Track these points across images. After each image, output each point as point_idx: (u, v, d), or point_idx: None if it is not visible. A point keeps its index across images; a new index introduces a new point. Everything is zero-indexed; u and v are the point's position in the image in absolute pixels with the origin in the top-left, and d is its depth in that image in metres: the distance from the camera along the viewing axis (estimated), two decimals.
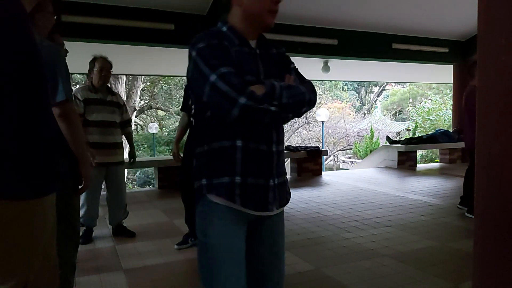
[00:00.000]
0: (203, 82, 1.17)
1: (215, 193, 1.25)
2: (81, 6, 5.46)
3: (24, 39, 1.03)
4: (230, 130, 1.24)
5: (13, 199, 1.01)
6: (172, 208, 4.95)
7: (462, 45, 8.88)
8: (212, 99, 1.17)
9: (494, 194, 1.37)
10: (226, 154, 1.24)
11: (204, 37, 1.25)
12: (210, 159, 1.27)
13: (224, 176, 1.24)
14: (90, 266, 2.97)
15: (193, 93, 1.32)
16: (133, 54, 7.32)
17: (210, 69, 1.17)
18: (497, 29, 1.31)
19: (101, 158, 3.38)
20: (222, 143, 1.25)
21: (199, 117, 1.32)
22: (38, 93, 1.07)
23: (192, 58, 1.22)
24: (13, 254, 1.05)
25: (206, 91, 1.17)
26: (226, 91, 1.14)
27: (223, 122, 1.22)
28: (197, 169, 1.30)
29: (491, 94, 1.36)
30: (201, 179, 1.28)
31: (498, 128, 1.37)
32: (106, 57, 3.58)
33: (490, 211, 1.42)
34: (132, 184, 16.27)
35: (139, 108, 17.66)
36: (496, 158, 1.36)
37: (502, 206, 1.36)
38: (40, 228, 1.09)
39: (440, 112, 18.43)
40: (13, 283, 1.04)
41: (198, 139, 1.33)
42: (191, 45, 1.24)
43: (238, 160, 1.24)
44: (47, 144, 1.09)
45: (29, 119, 1.03)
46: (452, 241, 3.43)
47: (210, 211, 1.26)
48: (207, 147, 1.27)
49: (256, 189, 1.26)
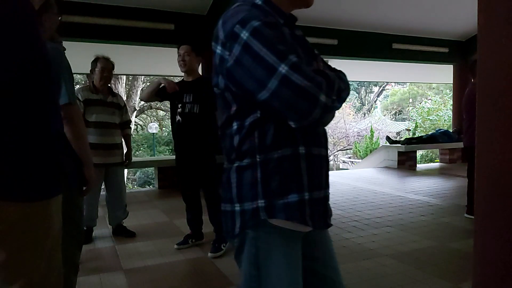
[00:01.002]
0: (265, 74, 0.90)
1: (283, 216, 0.98)
2: (81, 6, 5.47)
3: (34, 38, 1.03)
4: (288, 134, 0.99)
5: (18, 201, 1.01)
6: (172, 208, 4.95)
7: (462, 45, 8.88)
8: (281, 96, 0.90)
9: (494, 194, 1.37)
10: (289, 165, 0.99)
11: (253, 12, 0.95)
12: (267, 174, 0.99)
13: (290, 194, 0.99)
14: (90, 266, 2.97)
15: (238, 88, 0.98)
16: (133, 54, 7.33)
17: (278, 56, 0.89)
18: (497, 29, 1.31)
19: (100, 159, 3.39)
20: (282, 152, 0.99)
21: (239, 118, 1.01)
22: (46, 94, 1.06)
23: (239, 40, 0.92)
24: (18, 256, 1.05)
25: (271, 86, 0.90)
26: (306, 86, 0.89)
27: (282, 125, 0.97)
28: (245, 188, 1.01)
29: (491, 94, 1.36)
30: (254, 200, 0.99)
31: (497, 128, 1.37)
32: (109, 58, 3.58)
33: (490, 211, 1.42)
34: (132, 184, 16.27)
35: (139, 108, 17.66)
36: (496, 158, 1.36)
37: (502, 206, 1.36)
38: (45, 230, 1.09)
39: (440, 112, 18.43)
40: (18, 285, 1.04)
41: (232, 148, 1.04)
42: (237, 22, 0.93)
43: (304, 171, 1.00)
44: (53, 145, 1.09)
45: (36, 119, 1.03)
46: (452, 241, 3.43)
47: (269, 239, 1.01)
48: (260, 157, 0.99)
49: (320, 203, 1.06)
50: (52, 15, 1.76)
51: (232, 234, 1.05)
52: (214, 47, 1.00)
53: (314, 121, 0.93)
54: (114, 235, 3.78)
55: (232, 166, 1.04)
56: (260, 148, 0.99)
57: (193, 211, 3.39)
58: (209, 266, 2.99)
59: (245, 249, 1.03)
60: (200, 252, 3.28)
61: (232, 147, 1.03)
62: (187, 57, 3.18)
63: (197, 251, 3.31)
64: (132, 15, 5.81)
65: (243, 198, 1.01)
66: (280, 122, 0.96)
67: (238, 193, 1.02)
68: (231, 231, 1.05)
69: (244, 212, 1.01)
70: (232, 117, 1.02)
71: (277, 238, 1.01)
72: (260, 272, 1.01)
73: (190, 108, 3.16)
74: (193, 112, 3.15)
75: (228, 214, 1.06)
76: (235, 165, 1.03)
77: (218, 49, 0.98)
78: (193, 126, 3.18)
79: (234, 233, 1.04)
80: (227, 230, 1.08)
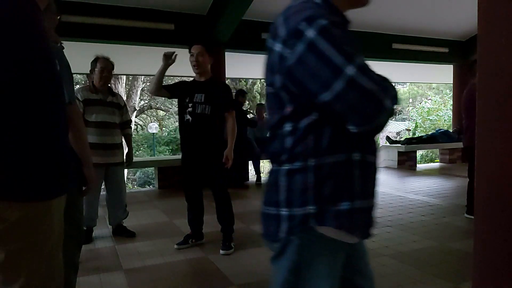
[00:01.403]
0: (330, 75, 0.86)
1: (333, 224, 0.95)
2: (81, 6, 5.47)
3: (35, 38, 1.03)
4: (344, 139, 0.95)
5: (18, 201, 1.01)
6: (172, 208, 4.95)
7: (462, 45, 8.88)
8: (347, 98, 0.87)
9: (494, 194, 1.37)
10: (342, 171, 0.95)
11: (319, 10, 0.92)
12: (319, 179, 0.95)
13: (342, 201, 0.95)
14: (90, 266, 2.97)
15: (298, 87, 0.94)
16: (133, 54, 7.32)
17: (345, 58, 0.86)
18: (497, 29, 1.31)
19: (100, 159, 3.39)
20: (337, 157, 0.95)
21: (293, 120, 0.97)
22: (46, 94, 1.06)
23: (304, 38, 0.88)
24: (18, 256, 1.05)
25: (336, 87, 0.86)
26: (373, 90, 0.87)
27: (338, 129, 0.94)
28: (295, 192, 0.97)
29: (491, 94, 1.35)
30: (305, 205, 0.95)
31: (497, 128, 1.37)
32: (108, 58, 3.58)
33: (490, 211, 1.42)
34: (132, 184, 16.26)
35: (139, 108, 17.66)
36: (496, 158, 1.36)
37: (502, 206, 1.35)
38: (45, 230, 1.09)
39: (440, 112, 18.42)
40: (18, 284, 1.04)
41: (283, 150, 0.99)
42: (303, 19, 0.89)
43: (356, 179, 0.97)
44: (54, 145, 1.09)
45: (36, 119, 1.03)
46: (452, 241, 3.43)
47: (314, 248, 0.98)
48: (313, 161, 0.95)
49: (368, 213, 1.03)
50: (51, 14, 1.76)
51: (274, 237, 1.01)
52: (272, 44, 0.97)
53: (377, 126, 0.92)
54: (114, 235, 3.78)
55: (280, 168, 1.00)
56: (314, 152, 0.95)
57: (195, 212, 3.39)
58: (209, 266, 2.99)
59: (286, 255, 1.00)
60: (200, 252, 3.28)
61: (283, 149, 0.99)
62: (200, 58, 3.16)
63: (197, 251, 3.31)
64: (132, 15, 5.81)
65: (293, 203, 0.97)
66: (337, 126, 0.93)
67: (287, 197, 0.98)
68: (273, 234, 1.01)
69: (292, 217, 0.97)
70: (286, 118, 0.98)
71: (322, 247, 0.98)
72: (298, 280, 0.98)
73: (202, 108, 3.16)
74: (204, 113, 3.16)
75: (271, 217, 1.02)
76: (285, 167, 0.99)
77: (277, 46, 0.94)
78: (203, 127, 3.18)
79: (276, 237, 1.00)
80: (267, 233, 1.05)
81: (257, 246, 3.38)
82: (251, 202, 5.36)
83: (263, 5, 5.92)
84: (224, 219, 3.33)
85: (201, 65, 3.17)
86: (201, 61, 3.16)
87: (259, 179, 6.98)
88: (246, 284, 2.64)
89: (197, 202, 3.38)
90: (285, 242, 0.99)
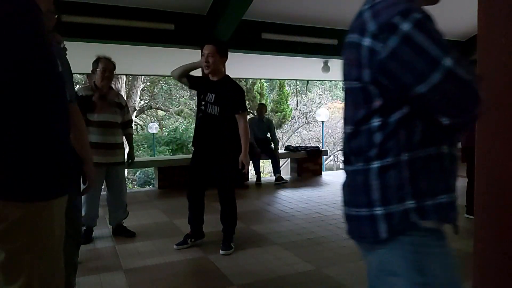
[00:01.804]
0: (427, 67, 0.86)
1: (436, 217, 0.96)
2: (81, 6, 5.46)
3: (35, 38, 1.03)
4: (435, 133, 0.95)
5: (18, 201, 1.01)
6: (172, 208, 4.95)
7: (462, 45, 8.88)
8: (444, 90, 0.87)
9: (494, 194, 1.37)
10: (435, 164, 0.95)
11: (412, 5, 0.91)
12: (415, 173, 0.94)
13: (439, 194, 0.96)
14: (90, 266, 2.97)
15: (392, 81, 0.93)
16: (133, 54, 7.32)
17: (442, 50, 0.86)
18: (497, 29, 1.32)
19: (101, 158, 3.39)
20: (429, 151, 0.95)
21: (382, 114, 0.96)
22: (46, 94, 1.06)
23: (398, 31, 0.88)
24: (18, 256, 1.05)
25: (433, 79, 0.86)
26: (470, 82, 0.87)
27: (429, 122, 0.93)
28: (390, 189, 0.95)
29: (491, 94, 1.36)
30: (402, 201, 0.94)
31: (497, 128, 1.37)
32: (110, 58, 3.58)
33: (490, 211, 1.42)
34: (132, 184, 16.26)
35: (139, 108, 17.66)
36: (496, 158, 1.36)
37: (502, 206, 1.36)
38: (46, 230, 1.09)
39: None
40: (18, 284, 1.04)
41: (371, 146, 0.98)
42: (397, 13, 0.89)
43: (448, 171, 0.97)
44: (55, 146, 1.09)
45: (36, 119, 1.03)
46: (452, 241, 3.42)
47: (427, 242, 0.97)
48: (406, 156, 0.94)
49: (456, 205, 1.03)
50: (49, 14, 1.76)
51: (374, 239, 0.98)
52: (358, 39, 0.96)
53: (473, 118, 0.92)
54: (114, 235, 3.78)
55: (369, 166, 0.98)
56: (407, 146, 0.94)
57: (196, 211, 3.39)
58: (209, 266, 2.99)
59: (400, 257, 0.96)
60: (200, 252, 3.28)
61: (371, 145, 0.97)
62: (211, 59, 3.16)
63: (197, 251, 3.31)
64: (132, 15, 5.81)
65: (389, 200, 0.95)
66: (428, 119, 0.93)
67: (382, 195, 0.96)
68: (371, 236, 0.99)
69: (390, 215, 0.95)
70: (374, 113, 0.97)
71: (434, 240, 0.98)
72: (427, 279, 0.94)
73: (211, 109, 3.17)
74: (213, 114, 3.17)
75: (362, 219, 1.00)
76: (374, 165, 0.97)
77: (366, 41, 0.94)
78: (212, 127, 3.19)
79: (377, 238, 0.97)
80: (361, 235, 1.03)
81: (257, 246, 3.38)
82: (251, 202, 5.36)
83: (263, 5, 5.92)
84: (226, 220, 3.34)
85: (210, 66, 3.17)
86: (212, 61, 3.16)
87: (259, 179, 6.97)
88: (246, 284, 2.64)
89: (199, 201, 3.38)
90: (392, 244, 0.96)
